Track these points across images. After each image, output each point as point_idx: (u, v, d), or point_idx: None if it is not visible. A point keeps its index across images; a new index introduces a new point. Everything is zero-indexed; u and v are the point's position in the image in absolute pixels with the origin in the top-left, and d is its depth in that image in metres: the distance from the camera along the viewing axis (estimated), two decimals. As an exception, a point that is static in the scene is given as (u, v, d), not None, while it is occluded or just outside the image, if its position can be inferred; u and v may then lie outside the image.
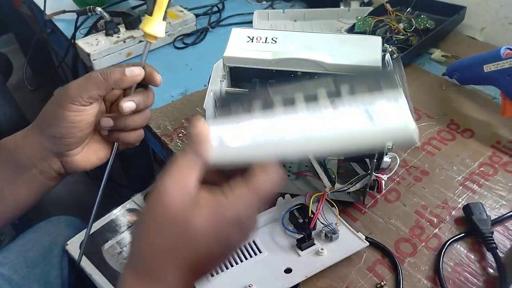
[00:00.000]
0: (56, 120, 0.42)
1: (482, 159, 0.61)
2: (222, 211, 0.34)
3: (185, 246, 0.34)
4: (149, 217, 0.35)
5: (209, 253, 0.34)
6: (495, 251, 0.48)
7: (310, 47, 0.54)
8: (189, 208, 0.33)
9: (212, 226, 0.33)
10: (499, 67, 0.63)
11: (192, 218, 0.33)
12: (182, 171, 0.34)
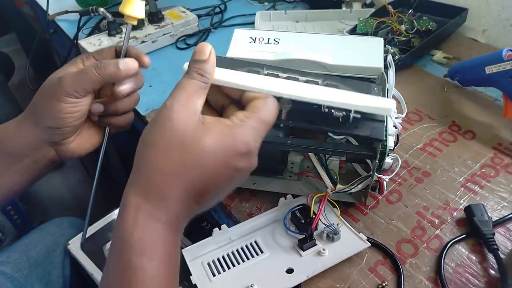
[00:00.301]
0: (52, 112, 0.43)
1: (483, 161, 0.61)
2: (232, 135, 0.35)
3: (194, 166, 0.34)
4: (156, 136, 0.34)
5: (216, 177, 0.35)
6: (497, 253, 0.48)
7: (312, 48, 0.55)
8: (198, 129, 0.34)
9: (221, 148, 0.34)
10: (501, 69, 0.63)
11: (202, 139, 0.34)
12: (189, 93, 0.35)
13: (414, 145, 0.64)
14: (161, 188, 0.34)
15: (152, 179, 0.34)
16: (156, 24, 0.89)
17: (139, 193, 0.34)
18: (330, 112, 0.42)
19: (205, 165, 0.34)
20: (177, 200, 0.34)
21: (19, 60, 1.81)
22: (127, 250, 0.33)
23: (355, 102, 0.38)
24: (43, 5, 1.04)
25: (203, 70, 0.37)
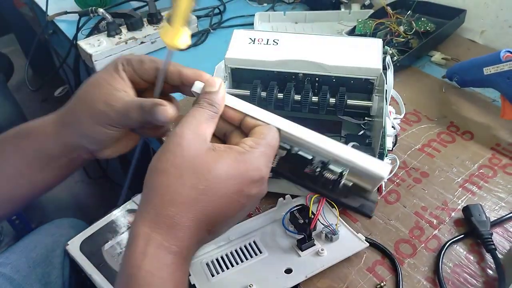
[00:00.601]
0: (95, 133, 0.41)
1: (481, 161, 0.62)
2: (244, 161, 0.35)
3: (207, 195, 0.34)
4: (167, 164, 0.34)
5: (229, 205, 0.35)
6: (494, 253, 0.49)
7: (311, 49, 0.55)
8: (210, 156, 0.34)
9: (234, 176, 0.34)
10: (499, 70, 0.63)
11: (215, 166, 0.34)
12: (199, 122, 0.36)
13: (413, 146, 0.64)
14: (173, 218, 0.33)
15: (164, 210, 0.33)
16: (155, 25, 0.89)
17: (149, 224, 0.33)
18: (321, 173, 0.39)
19: (218, 194, 0.34)
20: (189, 231, 0.34)
21: (18, 60, 1.81)
22: (135, 284, 0.32)
23: (354, 158, 0.36)
24: (43, 6, 1.04)
25: (213, 100, 0.37)
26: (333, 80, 0.55)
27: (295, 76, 0.55)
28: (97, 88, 0.41)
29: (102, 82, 0.41)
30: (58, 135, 0.43)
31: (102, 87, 0.41)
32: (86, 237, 0.77)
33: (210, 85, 0.38)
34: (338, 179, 0.38)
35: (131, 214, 0.84)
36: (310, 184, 0.40)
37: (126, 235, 0.79)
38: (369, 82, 0.54)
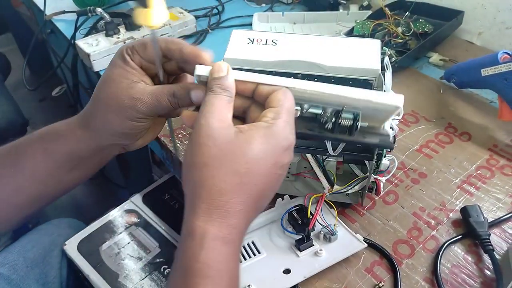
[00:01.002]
0: (126, 128, 0.42)
1: (479, 162, 0.62)
2: (273, 135, 0.36)
3: (249, 177, 0.35)
4: (204, 157, 0.35)
5: (269, 180, 0.36)
6: (492, 253, 0.49)
7: (310, 49, 0.55)
8: (242, 140, 0.35)
9: (269, 151, 0.36)
10: (497, 71, 0.63)
11: (249, 147, 0.35)
12: (219, 109, 0.37)
13: (411, 147, 0.65)
14: (224, 207, 0.34)
15: (214, 201, 0.34)
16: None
17: (203, 218, 0.34)
18: (337, 122, 0.42)
19: (259, 172, 0.35)
20: (241, 215, 0.35)
21: (15, 60, 1.81)
22: (192, 276, 0.33)
23: (368, 96, 0.39)
24: (40, 5, 1.04)
25: (225, 85, 0.38)
26: (331, 80, 0.55)
27: (294, 76, 0.55)
28: (116, 85, 0.41)
29: (118, 78, 0.41)
30: (91, 139, 0.44)
31: (120, 83, 0.41)
32: (83, 237, 0.77)
33: (218, 71, 0.39)
34: (355, 123, 0.41)
35: (128, 214, 0.84)
36: (329, 134, 0.42)
37: (124, 235, 0.79)
38: (367, 82, 0.54)
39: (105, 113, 0.42)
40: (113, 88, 0.41)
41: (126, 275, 0.72)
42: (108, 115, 0.42)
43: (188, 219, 0.35)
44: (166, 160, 0.72)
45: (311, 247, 0.50)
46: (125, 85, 0.41)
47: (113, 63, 0.43)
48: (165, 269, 0.73)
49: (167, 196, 0.88)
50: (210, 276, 0.33)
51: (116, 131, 0.42)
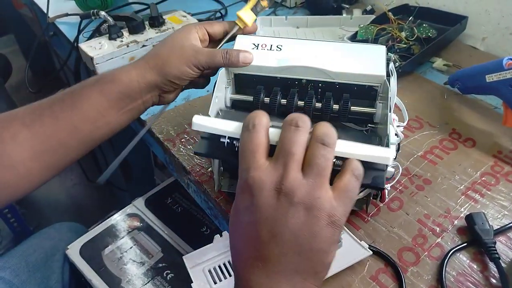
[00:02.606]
0: (179, 72, 0.51)
1: (484, 169, 0.62)
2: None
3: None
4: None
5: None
6: (498, 261, 0.48)
7: (315, 55, 0.55)
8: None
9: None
10: (502, 77, 0.63)
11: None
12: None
13: (415, 153, 0.64)
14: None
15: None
16: (157, 28, 0.89)
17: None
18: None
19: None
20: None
21: (17, 61, 1.81)
22: None
23: (357, 152, 0.39)
24: (43, 8, 1.04)
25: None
26: (336, 86, 0.55)
27: (299, 82, 0.55)
28: (185, 39, 0.52)
29: (187, 35, 0.53)
30: (143, 76, 0.51)
31: (188, 40, 0.52)
32: (86, 241, 0.77)
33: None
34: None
35: (131, 218, 0.84)
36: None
37: (126, 239, 0.79)
38: (372, 89, 0.54)
39: (169, 54, 0.51)
40: (182, 40, 0.52)
41: (128, 280, 0.72)
42: (172, 57, 0.51)
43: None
44: (169, 164, 0.72)
45: (315, 254, 0.50)
46: (192, 41, 0.53)
47: (181, 30, 0.54)
48: (168, 274, 0.73)
49: (169, 200, 0.88)
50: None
51: (171, 73, 0.51)
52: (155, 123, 0.71)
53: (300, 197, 0.33)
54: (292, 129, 0.36)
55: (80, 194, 1.61)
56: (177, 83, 0.52)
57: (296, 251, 0.34)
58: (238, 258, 0.37)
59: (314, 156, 0.35)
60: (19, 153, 0.46)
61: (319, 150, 0.35)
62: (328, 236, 0.34)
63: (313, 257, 0.34)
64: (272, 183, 0.34)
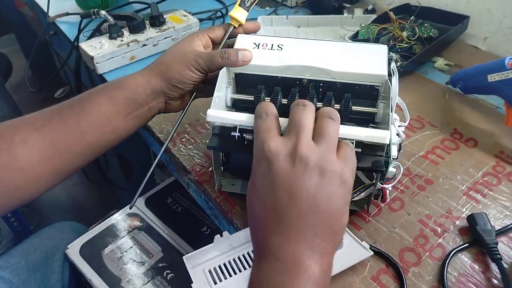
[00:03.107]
0: (181, 76, 0.52)
1: (485, 169, 0.61)
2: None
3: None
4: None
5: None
6: (500, 262, 0.48)
7: (317, 54, 0.54)
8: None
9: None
10: (504, 77, 0.63)
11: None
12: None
13: (416, 153, 0.64)
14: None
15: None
16: (157, 27, 0.89)
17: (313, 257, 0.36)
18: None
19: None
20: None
21: (18, 60, 1.81)
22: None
23: (357, 134, 0.44)
24: (44, 7, 1.03)
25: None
26: (337, 86, 0.54)
27: (300, 81, 0.55)
28: (186, 46, 0.54)
29: (190, 43, 0.54)
30: (148, 82, 0.52)
31: (190, 47, 0.54)
32: (86, 240, 0.77)
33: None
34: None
35: (131, 218, 0.84)
36: None
37: (126, 239, 0.79)
38: (374, 88, 0.54)
39: (172, 61, 0.53)
40: (184, 46, 0.54)
41: (128, 280, 0.72)
42: (174, 63, 0.52)
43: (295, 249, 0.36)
44: (169, 164, 0.71)
45: (316, 255, 0.50)
46: (195, 47, 0.54)
47: (190, 36, 0.55)
48: (168, 274, 0.73)
49: (169, 199, 0.88)
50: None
51: (174, 77, 0.52)
52: (155, 122, 0.71)
53: (314, 161, 0.37)
54: (300, 107, 0.42)
55: (80, 194, 1.61)
56: (181, 87, 0.53)
57: (314, 211, 0.36)
58: (258, 226, 0.38)
59: (324, 126, 0.40)
60: (29, 157, 0.46)
61: (328, 122, 0.40)
62: (341, 195, 0.37)
63: (330, 217, 0.37)
64: (287, 150, 0.38)
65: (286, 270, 0.35)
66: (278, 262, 0.35)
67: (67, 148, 0.48)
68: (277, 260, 0.36)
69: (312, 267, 0.35)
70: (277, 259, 0.36)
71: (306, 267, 0.35)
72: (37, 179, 0.47)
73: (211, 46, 0.57)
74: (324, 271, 0.36)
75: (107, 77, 0.83)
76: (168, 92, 0.53)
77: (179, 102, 0.56)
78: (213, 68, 0.53)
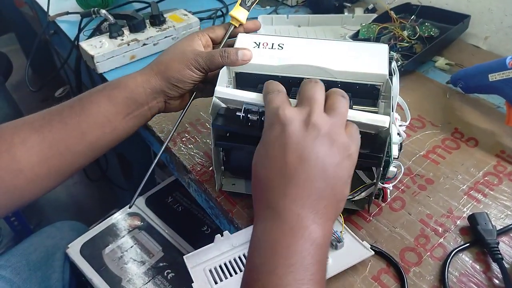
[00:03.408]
0: (181, 75, 0.52)
1: (486, 169, 0.61)
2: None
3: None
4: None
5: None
6: (501, 262, 0.48)
7: (317, 53, 0.54)
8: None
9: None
10: (504, 77, 0.63)
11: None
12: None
13: (417, 152, 0.64)
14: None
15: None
16: (158, 26, 0.88)
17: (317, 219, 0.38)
18: None
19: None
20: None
21: (18, 60, 1.81)
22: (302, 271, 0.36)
23: (359, 116, 0.45)
24: (44, 6, 1.03)
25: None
26: (338, 85, 0.54)
27: (300, 81, 0.55)
28: (186, 46, 0.53)
29: (190, 43, 0.54)
30: (148, 82, 0.52)
31: (190, 46, 0.53)
32: (86, 240, 0.77)
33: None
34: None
35: (131, 218, 0.84)
36: None
37: (127, 238, 0.79)
38: (375, 87, 0.53)
39: (171, 60, 0.52)
40: (183, 46, 0.53)
41: (129, 279, 0.72)
42: (174, 62, 0.52)
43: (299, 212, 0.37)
44: (170, 163, 0.71)
45: (317, 254, 0.50)
46: (195, 47, 0.53)
47: (190, 35, 0.55)
48: (168, 273, 0.73)
49: (170, 199, 0.88)
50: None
51: (173, 76, 0.52)
52: (155, 122, 0.71)
53: (325, 130, 0.39)
54: (312, 83, 0.44)
55: (80, 193, 1.61)
56: (180, 86, 0.53)
57: (321, 177, 0.38)
58: (265, 187, 0.39)
59: (335, 102, 0.42)
60: (28, 157, 0.46)
61: (340, 99, 0.42)
62: (346, 167, 0.40)
63: (336, 185, 0.38)
64: (302, 117, 0.40)
65: (291, 231, 0.36)
66: (283, 222, 0.36)
67: (68, 148, 0.48)
68: (282, 221, 0.37)
69: (316, 231, 0.36)
70: (282, 220, 0.37)
71: (310, 230, 0.36)
72: (37, 179, 0.47)
73: (211, 45, 0.57)
74: (326, 235, 0.37)
75: (107, 76, 0.83)
76: (168, 92, 0.53)
77: (179, 101, 0.56)
78: (213, 67, 0.53)
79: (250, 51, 0.54)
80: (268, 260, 0.36)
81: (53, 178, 0.49)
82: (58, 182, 0.50)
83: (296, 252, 0.35)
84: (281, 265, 0.35)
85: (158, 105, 0.54)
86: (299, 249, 0.35)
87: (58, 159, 0.48)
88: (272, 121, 0.41)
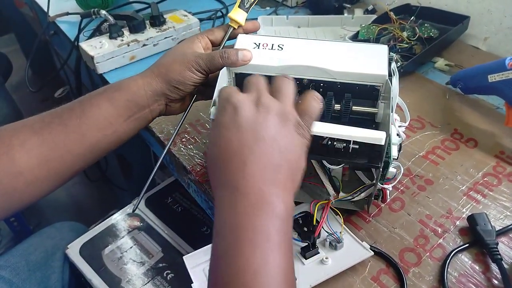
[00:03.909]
0: (181, 77, 0.52)
1: (486, 169, 0.61)
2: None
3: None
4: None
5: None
6: (500, 263, 0.48)
7: (317, 54, 0.54)
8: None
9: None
10: (504, 78, 0.63)
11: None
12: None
13: (417, 153, 0.64)
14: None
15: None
16: (157, 27, 0.89)
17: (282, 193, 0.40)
18: (332, 144, 0.48)
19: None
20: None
21: (18, 60, 1.81)
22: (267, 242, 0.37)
23: (355, 134, 0.46)
24: (44, 6, 1.03)
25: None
26: (338, 86, 0.54)
27: (300, 81, 0.55)
28: (187, 48, 0.54)
29: (190, 45, 0.55)
30: (149, 84, 0.52)
31: (190, 48, 0.54)
32: (86, 240, 0.77)
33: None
34: (347, 146, 0.47)
35: (131, 218, 0.83)
36: (325, 153, 0.49)
37: (126, 239, 0.79)
38: (374, 88, 0.54)
39: (172, 62, 0.53)
40: (184, 48, 0.54)
41: (128, 280, 0.72)
42: (174, 64, 0.52)
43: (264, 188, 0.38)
44: (170, 164, 0.71)
45: (316, 255, 0.50)
46: (195, 49, 0.54)
47: (190, 38, 0.56)
48: (168, 274, 0.73)
49: (170, 199, 0.88)
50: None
51: (174, 78, 0.52)
52: (155, 122, 0.71)
53: (275, 109, 0.42)
54: (252, 76, 0.47)
55: (80, 194, 1.61)
56: (181, 88, 0.53)
57: (276, 150, 0.40)
58: (223, 166, 0.41)
59: (279, 84, 0.45)
60: (27, 159, 0.46)
61: (283, 80, 0.46)
62: (298, 142, 0.42)
63: (290, 159, 0.41)
64: (252, 99, 0.43)
65: (254, 208, 0.37)
66: (246, 199, 0.38)
67: (68, 150, 0.48)
68: (245, 198, 0.38)
69: (278, 205, 0.38)
70: (245, 197, 0.38)
71: (271, 201, 0.38)
72: (37, 182, 0.47)
73: (210, 48, 0.57)
74: (287, 208, 0.39)
75: (107, 77, 0.83)
76: (169, 94, 0.53)
77: (179, 104, 0.56)
78: (214, 69, 0.53)
79: (250, 52, 0.53)
80: (234, 243, 0.36)
81: (53, 180, 0.49)
82: (58, 185, 0.50)
83: (262, 230, 0.36)
84: (247, 246, 0.36)
85: (159, 108, 0.54)
86: (264, 225, 0.37)
87: (58, 161, 0.48)
88: (224, 106, 0.43)
